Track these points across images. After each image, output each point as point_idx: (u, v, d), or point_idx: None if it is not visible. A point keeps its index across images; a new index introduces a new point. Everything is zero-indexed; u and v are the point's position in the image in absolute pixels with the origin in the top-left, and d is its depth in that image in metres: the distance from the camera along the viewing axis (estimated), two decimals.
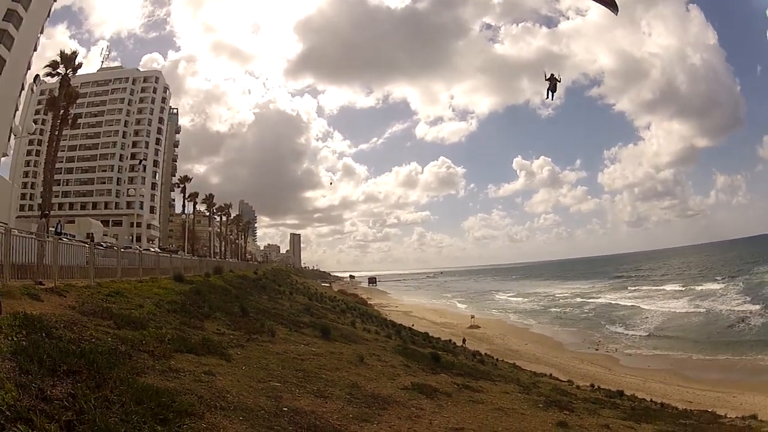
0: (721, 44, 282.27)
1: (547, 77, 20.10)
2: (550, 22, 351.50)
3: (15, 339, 5.92)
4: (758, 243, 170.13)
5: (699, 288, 73.85)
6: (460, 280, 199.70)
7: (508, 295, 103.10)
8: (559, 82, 20.58)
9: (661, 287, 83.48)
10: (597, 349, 41.68)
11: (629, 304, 67.49)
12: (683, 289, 76.02)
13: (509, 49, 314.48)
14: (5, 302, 7.44)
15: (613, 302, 71.24)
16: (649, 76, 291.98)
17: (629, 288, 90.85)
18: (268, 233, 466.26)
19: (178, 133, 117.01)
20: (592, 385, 24.38)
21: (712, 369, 32.72)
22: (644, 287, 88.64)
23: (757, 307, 50.70)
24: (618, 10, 11.55)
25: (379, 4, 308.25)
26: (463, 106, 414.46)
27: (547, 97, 20.78)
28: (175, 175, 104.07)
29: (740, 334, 42.37)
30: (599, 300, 76.78)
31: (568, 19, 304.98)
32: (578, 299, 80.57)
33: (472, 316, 57.08)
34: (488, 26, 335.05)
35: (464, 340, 37.35)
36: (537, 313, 68.26)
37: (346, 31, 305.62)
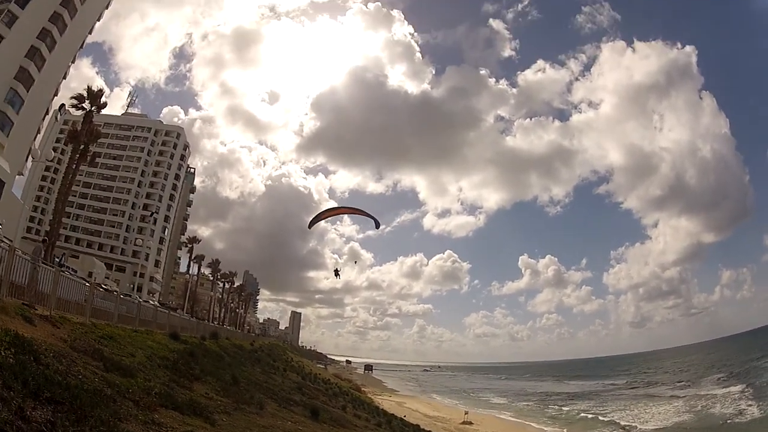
0: (733, 131, 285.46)
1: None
2: (563, 115, 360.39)
3: (2, 354, 5.66)
4: (761, 335, 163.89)
5: (698, 386, 71.90)
6: (458, 375, 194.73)
7: (505, 392, 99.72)
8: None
9: (662, 387, 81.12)
10: None
11: (629, 403, 65.15)
12: (683, 388, 73.85)
13: (520, 142, 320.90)
14: None
15: (613, 402, 68.62)
16: (658, 171, 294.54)
17: (630, 388, 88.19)
18: (268, 307, 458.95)
19: (193, 192, 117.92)
20: None
21: None
22: (645, 387, 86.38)
23: (754, 400, 49.82)
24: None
25: (397, 88, 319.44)
26: (472, 199, 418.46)
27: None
28: (184, 234, 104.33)
29: (735, 426, 41.70)
30: (599, 400, 74.17)
31: (580, 112, 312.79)
32: (577, 399, 77.62)
33: (466, 412, 54.50)
34: (501, 118, 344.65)
35: None
36: (534, 411, 65.24)
37: (361, 113, 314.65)
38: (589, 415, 57.01)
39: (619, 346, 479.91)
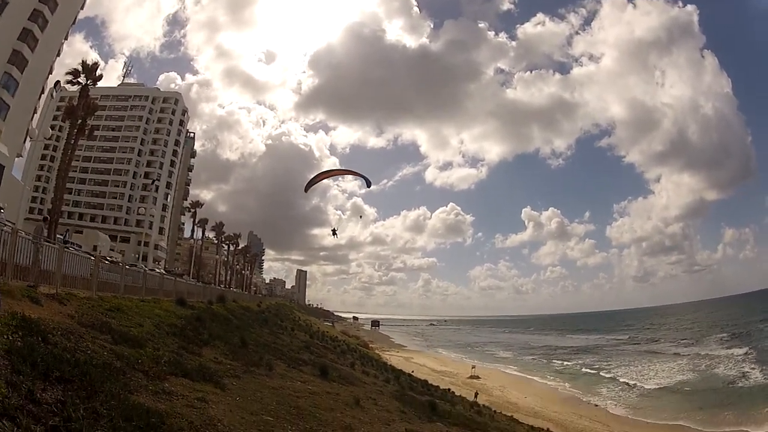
0: (735, 92, 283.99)
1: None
2: (563, 68, 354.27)
3: (10, 338, 5.78)
4: (764, 297, 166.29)
5: (702, 344, 72.79)
6: (464, 329, 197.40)
7: (510, 346, 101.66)
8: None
9: (665, 344, 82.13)
10: (597, 405, 40.53)
11: (633, 359, 66.11)
12: (686, 346, 74.70)
13: (521, 95, 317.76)
14: (5, 301, 7.30)
15: (616, 358, 69.79)
16: (660, 126, 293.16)
17: (632, 344, 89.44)
18: (274, 267, 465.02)
19: (193, 157, 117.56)
20: None
21: (711, 424, 31.73)
22: (647, 344, 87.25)
23: (757, 363, 49.89)
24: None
25: (395, 43, 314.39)
26: (473, 152, 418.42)
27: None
28: (186, 199, 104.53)
29: (739, 389, 41.58)
30: (602, 355, 75.38)
31: (581, 65, 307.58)
32: (581, 354, 78.94)
33: (473, 366, 55.83)
34: (501, 70, 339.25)
35: (476, 394, 36.11)
36: (539, 366, 66.68)
37: (360, 68, 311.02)
38: (592, 371, 57.98)
39: (622, 300, 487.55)
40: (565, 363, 67.54)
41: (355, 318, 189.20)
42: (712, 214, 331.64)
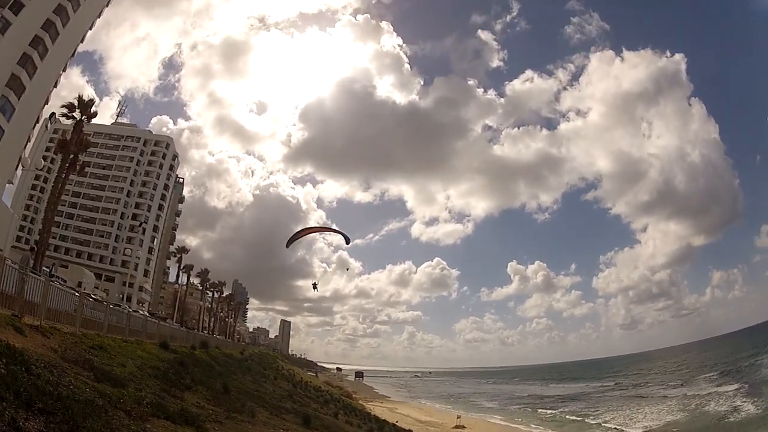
0: (722, 137, 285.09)
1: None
2: (551, 124, 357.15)
3: None
4: (755, 333, 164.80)
5: (691, 385, 72.09)
6: (449, 380, 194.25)
7: (496, 396, 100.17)
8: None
9: (652, 387, 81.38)
10: None
11: (621, 404, 65.28)
12: (674, 387, 73.91)
13: (508, 151, 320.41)
14: None
15: (603, 404, 68.76)
16: (647, 176, 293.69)
17: (619, 390, 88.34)
18: (257, 316, 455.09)
19: (182, 203, 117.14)
20: None
21: None
22: (636, 388, 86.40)
23: (749, 397, 49.85)
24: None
25: (386, 99, 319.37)
26: (460, 208, 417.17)
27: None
28: (173, 244, 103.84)
29: (731, 424, 41.36)
30: (588, 402, 74.17)
31: (568, 120, 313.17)
32: (567, 401, 77.64)
33: (458, 416, 54.62)
34: (489, 127, 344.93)
35: None
36: (525, 414, 65.33)
37: (350, 123, 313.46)
38: (578, 417, 57.25)
39: (610, 348, 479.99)
40: (551, 411, 66.52)
41: (338, 369, 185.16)
42: (700, 259, 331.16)
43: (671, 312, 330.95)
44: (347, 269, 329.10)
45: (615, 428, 48.23)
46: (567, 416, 60.17)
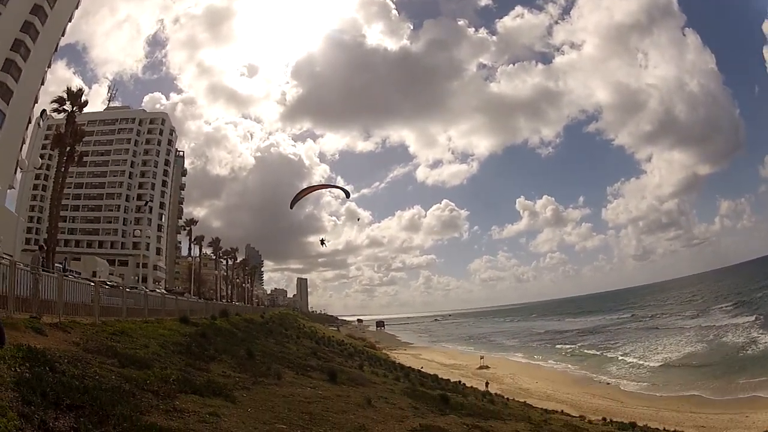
0: (720, 67, 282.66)
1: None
2: (545, 59, 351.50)
3: (18, 370, 5.80)
4: (765, 264, 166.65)
5: (707, 316, 73.23)
6: (468, 322, 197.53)
7: (516, 334, 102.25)
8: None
9: (669, 318, 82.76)
10: (609, 383, 40.83)
11: (639, 336, 66.51)
12: (691, 318, 75.19)
13: (505, 88, 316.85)
14: (9, 334, 7.33)
15: (621, 336, 70.17)
16: (647, 107, 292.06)
17: (637, 321, 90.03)
18: (274, 277, 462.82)
19: (185, 175, 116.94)
20: (605, 419, 23.89)
21: (724, 392, 31.96)
22: (652, 319, 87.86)
23: (766, 329, 50.29)
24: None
25: (376, 47, 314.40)
26: (462, 148, 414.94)
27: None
28: (181, 218, 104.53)
29: (750, 356, 41.73)
30: (607, 335, 75.81)
31: (563, 54, 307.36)
32: (586, 335, 79.46)
33: (482, 357, 56.07)
34: (483, 65, 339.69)
35: (487, 384, 36.32)
36: (545, 351, 67.06)
37: (343, 75, 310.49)
38: (598, 351, 58.17)
39: (624, 280, 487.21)
40: (571, 346, 67.80)
41: (359, 320, 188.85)
42: (706, 188, 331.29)
43: (682, 242, 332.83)
44: (358, 219, 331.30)
45: (636, 360, 48.91)
46: (586, 350, 61.42)
